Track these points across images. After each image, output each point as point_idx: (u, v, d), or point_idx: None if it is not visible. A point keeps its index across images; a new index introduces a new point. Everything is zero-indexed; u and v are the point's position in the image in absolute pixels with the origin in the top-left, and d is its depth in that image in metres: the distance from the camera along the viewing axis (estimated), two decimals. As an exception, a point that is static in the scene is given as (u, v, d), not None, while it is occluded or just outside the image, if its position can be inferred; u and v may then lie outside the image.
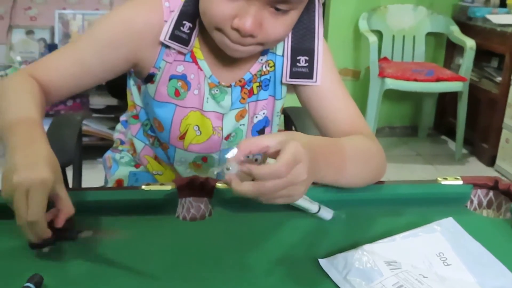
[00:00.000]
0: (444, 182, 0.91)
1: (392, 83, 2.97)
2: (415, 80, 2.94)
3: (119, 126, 1.21)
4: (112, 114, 2.88)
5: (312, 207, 0.77)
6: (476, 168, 3.15)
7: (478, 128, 3.22)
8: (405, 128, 3.68)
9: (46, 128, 0.90)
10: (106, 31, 0.89)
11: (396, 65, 3.18)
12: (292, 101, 1.10)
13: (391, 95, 3.30)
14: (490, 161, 3.13)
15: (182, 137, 1.00)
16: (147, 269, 0.69)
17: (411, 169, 3.12)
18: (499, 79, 3.03)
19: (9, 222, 0.77)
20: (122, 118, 1.20)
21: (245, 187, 0.62)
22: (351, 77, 3.46)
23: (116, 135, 1.21)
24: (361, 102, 3.33)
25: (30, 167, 0.65)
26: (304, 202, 0.75)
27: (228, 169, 0.64)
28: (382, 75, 3.01)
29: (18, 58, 2.80)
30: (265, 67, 0.99)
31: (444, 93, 3.33)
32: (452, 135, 3.39)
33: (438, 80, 2.96)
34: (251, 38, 0.82)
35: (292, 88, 1.01)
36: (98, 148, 2.78)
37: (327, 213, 0.79)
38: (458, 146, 3.21)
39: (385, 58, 3.30)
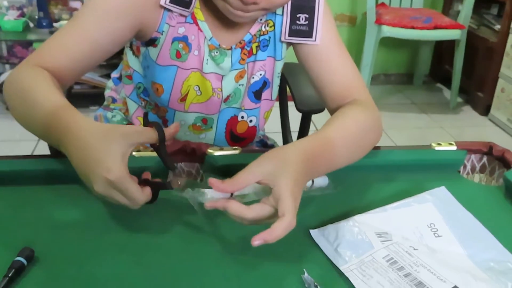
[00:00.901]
0: (438, 148, 0.90)
1: (389, 31, 2.91)
2: (413, 27, 2.88)
3: (110, 83, 1.19)
4: (104, 62, 2.82)
5: None
6: (470, 117, 3.15)
7: (474, 77, 3.19)
8: (400, 75, 3.64)
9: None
10: (108, 3, 0.85)
11: (393, 11, 3.10)
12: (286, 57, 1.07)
13: (387, 42, 3.24)
14: (485, 110, 3.12)
15: (183, 99, 0.99)
16: (138, 239, 0.69)
17: (405, 118, 3.11)
18: (498, 27, 2.97)
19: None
20: (114, 75, 1.17)
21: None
22: (347, 23, 3.38)
23: (108, 93, 1.19)
24: (357, 49, 3.28)
25: (100, 169, 0.63)
26: None
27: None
28: (379, 22, 2.94)
29: (5, 3, 2.71)
30: (265, 27, 0.97)
31: (442, 40, 3.27)
32: (447, 83, 3.36)
33: (436, 27, 2.90)
34: (254, 5, 0.80)
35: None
36: (90, 96, 2.77)
37: (322, 181, 0.77)
38: (453, 95, 3.19)
39: (382, 4, 3.22)
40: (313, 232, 0.71)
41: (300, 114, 1.29)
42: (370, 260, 0.65)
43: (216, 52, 0.95)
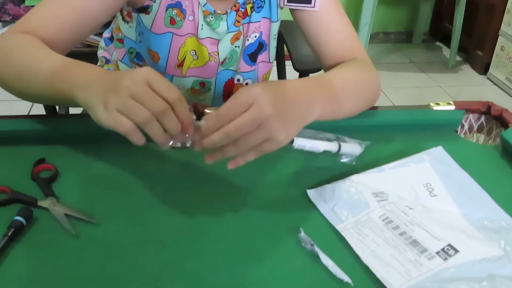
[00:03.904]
0: (436, 108, 0.90)
1: (388, -12, 2.86)
2: (413, -16, 2.82)
3: (102, 43, 1.17)
4: (98, 20, 2.77)
5: (328, 146, 0.72)
6: (469, 76, 3.13)
7: (474, 35, 3.15)
8: (399, 34, 3.59)
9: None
10: None
11: (394, -33, 3.03)
12: (282, 14, 1.05)
13: (387, -1, 3.19)
14: (483, 69, 3.10)
15: (180, 64, 0.97)
16: (135, 199, 0.70)
17: (403, 77, 3.09)
18: (499, -17, 2.92)
19: (5, 149, 0.78)
20: (105, 35, 1.15)
21: (212, 137, 0.59)
22: (347, -21, 3.31)
23: (100, 53, 1.17)
24: (356, 7, 3.22)
25: (128, 73, 0.59)
26: (313, 142, 0.70)
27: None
28: (378, -22, 2.88)
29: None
30: None
31: (442, -3, 3.22)
32: (447, 41, 3.32)
33: (436, -16, 2.84)
34: None
35: None
36: (85, 55, 2.72)
37: (352, 149, 0.75)
38: (453, 54, 3.15)
39: (382, -40, 3.14)
40: (310, 192, 0.71)
41: (297, 74, 1.28)
42: (366, 220, 0.66)
43: (211, 18, 0.94)
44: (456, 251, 0.61)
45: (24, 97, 0.76)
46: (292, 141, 0.68)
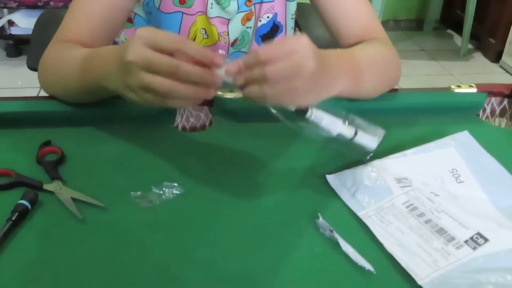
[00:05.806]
0: (457, 90, 0.86)
1: (400, -27, 2.80)
2: (425, -31, 2.76)
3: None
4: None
5: (344, 129, 0.64)
6: (481, 64, 3.07)
7: (486, 22, 3.09)
8: (410, 21, 3.53)
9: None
10: None
11: (405, -48, 2.97)
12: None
13: (398, -14, 3.13)
14: (496, 57, 3.04)
15: None
16: (144, 182, 0.66)
17: (414, 65, 3.04)
18: (514, -32, 2.85)
19: (10, 131, 0.74)
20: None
21: (253, 73, 0.57)
22: (357, -35, 3.25)
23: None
24: (366, -7, 3.17)
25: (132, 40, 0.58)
26: (331, 118, 0.63)
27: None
28: (390, -37, 2.82)
29: None
30: None
31: (454, -17, 3.16)
32: (458, 29, 3.26)
33: (449, -31, 2.78)
34: None
35: None
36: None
37: (368, 141, 0.66)
38: (464, 41, 3.09)
39: None
40: (330, 177, 0.67)
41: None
42: (389, 206, 0.63)
43: None
44: (486, 240, 0.58)
45: (72, 100, 0.78)
46: (308, 111, 0.62)
